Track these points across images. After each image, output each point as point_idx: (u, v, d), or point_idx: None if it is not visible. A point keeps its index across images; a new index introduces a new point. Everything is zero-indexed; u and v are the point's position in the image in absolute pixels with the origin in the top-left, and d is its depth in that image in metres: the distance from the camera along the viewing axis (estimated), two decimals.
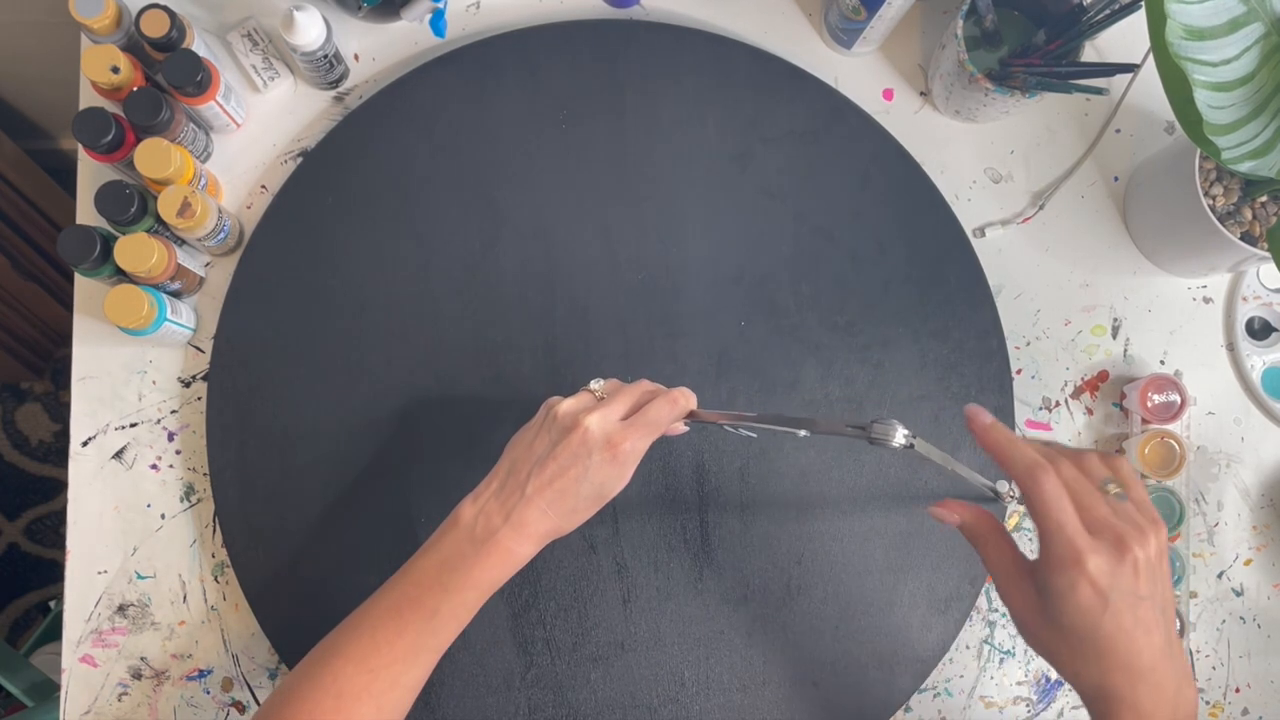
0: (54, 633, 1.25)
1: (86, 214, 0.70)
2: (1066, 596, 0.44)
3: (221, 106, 0.69)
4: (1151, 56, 0.57)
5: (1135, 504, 0.48)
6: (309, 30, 0.66)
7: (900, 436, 0.50)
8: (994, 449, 0.49)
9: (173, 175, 0.65)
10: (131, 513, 0.69)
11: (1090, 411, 0.75)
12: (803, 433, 0.54)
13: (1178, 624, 0.71)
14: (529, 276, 0.71)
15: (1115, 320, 0.76)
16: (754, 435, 0.53)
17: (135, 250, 0.63)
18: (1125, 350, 0.76)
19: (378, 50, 0.75)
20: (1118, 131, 0.78)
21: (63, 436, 1.46)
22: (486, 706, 0.67)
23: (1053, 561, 0.44)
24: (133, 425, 0.70)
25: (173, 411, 0.71)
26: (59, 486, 1.46)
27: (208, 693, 0.69)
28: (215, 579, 0.69)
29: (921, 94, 0.78)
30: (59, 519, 1.45)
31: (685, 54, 0.74)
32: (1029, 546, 0.73)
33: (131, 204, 0.64)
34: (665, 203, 0.73)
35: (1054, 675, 0.73)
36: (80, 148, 0.67)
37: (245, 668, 0.69)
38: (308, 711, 0.49)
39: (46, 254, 1.27)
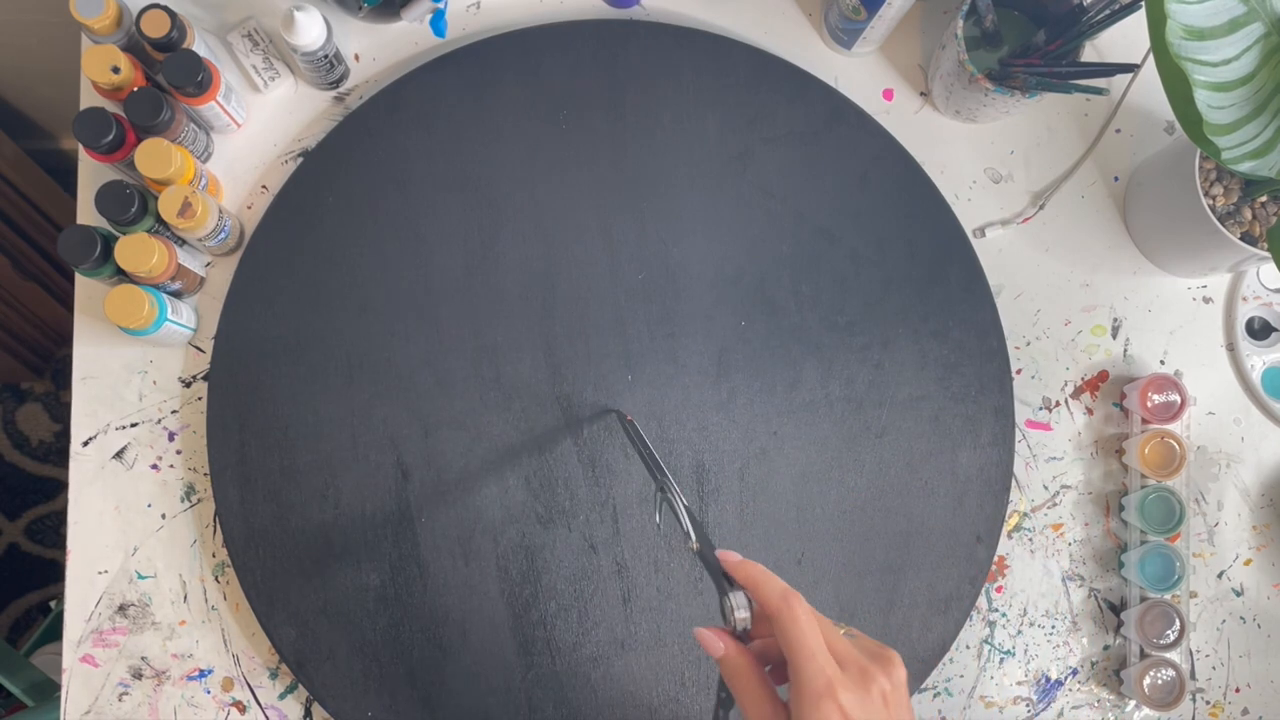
0: (54, 633, 1.25)
1: (87, 214, 0.70)
2: None
3: (222, 106, 0.69)
4: (1151, 56, 0.57)
5: (864, 642, 0.48)
6: (309, 30, 0.66)
7: (738, 618, 0.48)
8: (748, 580, 0.48)
9: (173, 175, 0.65)
10: (132, 513, 0.70)
11: (1090, 411, 0.75)
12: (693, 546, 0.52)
13: (1178, 625, 0.71)
14: (529, 276, 0.71)
15: (1115, 320, 0.77)
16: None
17: (136, 250, 0.63)
18: (1125, 350, 0.76)
19: (378, 50, 0.75)
20: (1118, 131, 0.78)
21: (63, 436, 1.46)
22: (487, 706, 0.67)
23: (806, 693, 0.43)
24: (133, 425, 0.70)
25: (173, 411, 0.71)
26: (59, 486, 1.46)
27: (208, 693, 0.69)
28: (215, 579, 0.70)
29: (922, 94, 0.78)
30: (59, 519, 1.45)
31: (685, 54, 0.74)
32: (1028, 546, 0.74)
33: (132, 204, 0.64)
34: (665, 203, 0.73)
35: (1054, 675, 0.73)
36: (81, 148, 0.67)
37: (245, 668, 0.69)
38: None
39: (47, 254, 1.27)
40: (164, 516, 0.70)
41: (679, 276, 0.72)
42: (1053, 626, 0.73)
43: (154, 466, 0.70)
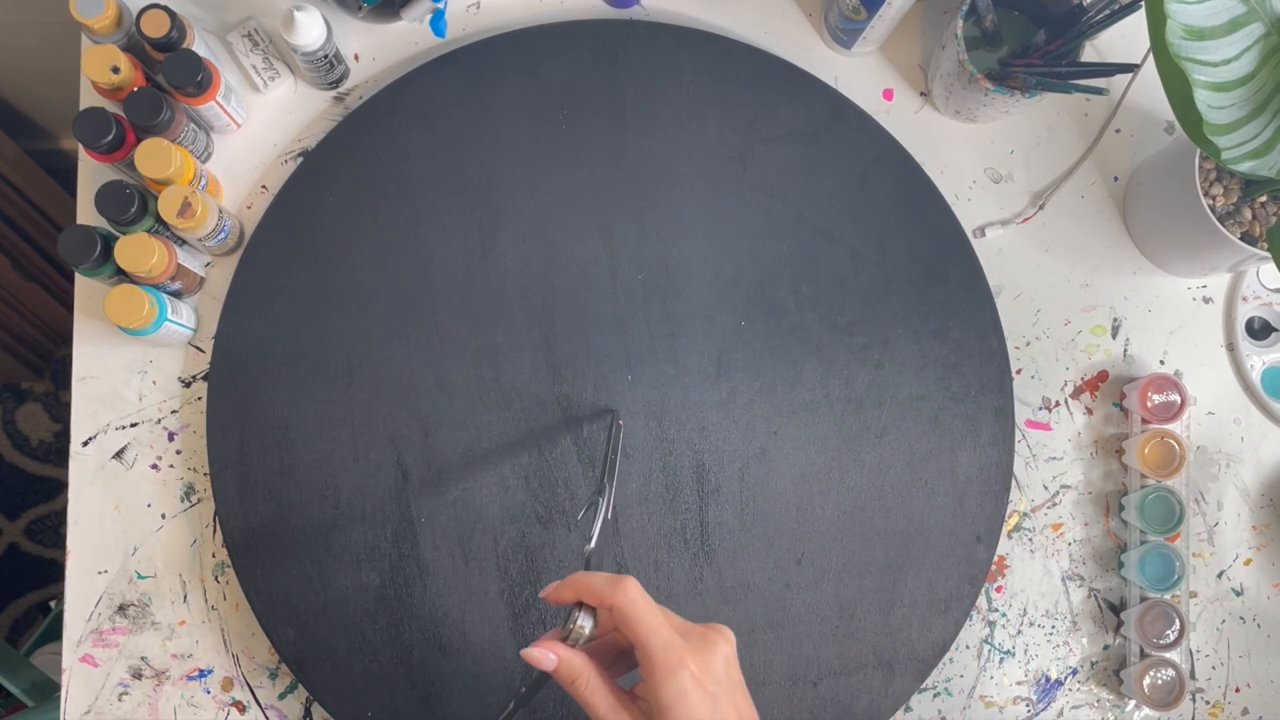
0: (54, 633, 1.25)
1: (87, 214, 0.70)
2: (679, 702, 0.43)
3: (222, 106, 0.69)
4: (1151, 56, 0.57)
5: (678, 625, 0.48)
6: (309, 30, 0.66)
7: (579, 628, 0.47)
8: (577, 587, 0.47)
9: (173, 175, 0.65)
10: (132, 513, 0.70)
11: (1090, 411, 0.75)
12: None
13: (1178, 624, 0.71)
14: (529, 276, 0.71)
15: (1115, 320, 0.77)
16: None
17: (136, 250, 0.63)
18: (1125, 350, 0.76)
19: (378, 50, 0.75)
20: (1118, 131, 0.78)
21: (63, 436, 1.46)
22: (487, 706, 0.67)
23: (660, 668, 0.43)
24: (133, 425, 0.70)
25: (173, 411, 0.71)
26: (59, 486, 1.46)
27: (208, 692, 0.69)
28: (215, 579, 0.69)
29: (921, 94, 0.78)
30: (59, 519, 1.45)
31: (685, 54, 0.74)
32: (1028, 546, 0.74)
33: (132, 204, 0.64)
34: (665, 203, 0.73)
35: (1054, 675, 0.73)
36: (81, 148, 0.67)
37: (245, 668, 0.69)
38: None
39: (47, 254, 1.27)
40: (164, 516, 0.70)
41: (679, 276, 0.72)
42: (1053, 626, 0.73)
43: (154, 466, 0.70)
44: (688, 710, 0.43)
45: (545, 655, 0.46)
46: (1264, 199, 0.69)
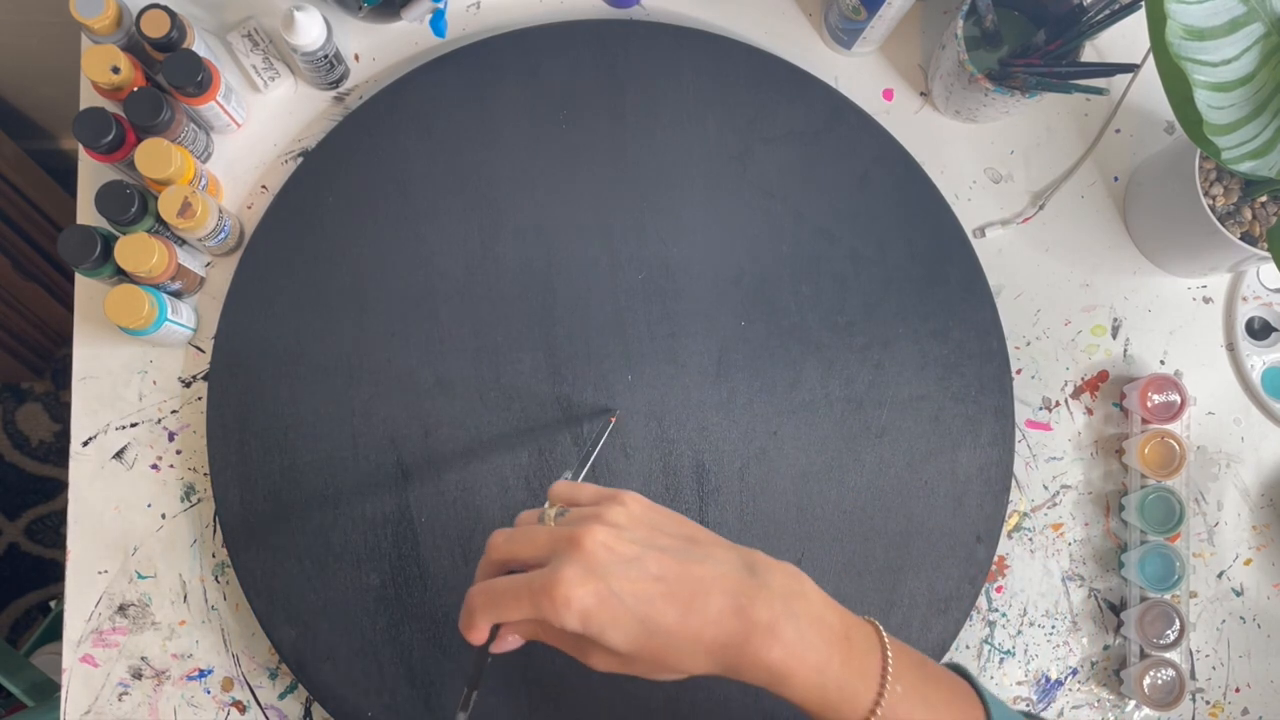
0: (54, 633, 1.25)
1: (87, 214, 0.70)
2: (590, 627, 0.40)
3: (222, 106, 0.69)
4: (1151, 56, 0.57)
5: (587, 502, 0.45)
6: (309, 30, 0.66)
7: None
8: (471, 635, 0.45)
9: (173, 175, 0.65)
10: (132, 513, 0.70)
11: (1090, 411, 0.75)
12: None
13: (1178, 624, 0.71)
14: (529, 276, 0.71)
15: (1115, 320, 0.77)
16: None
17: (135, 250, 0.63)
18: (1125, 350, 0.76)
19: (378, 50, 0.75)
20: (1118, 131, 0.78)
21: (63, 436, 1.46)
22: (487, 707, 0.67)
23: (551, 619, 0.40)
24: (133, 425, 0.70)
25: (173, 411, 0.71)
26: (59, 486, 1.46)
27: (208, 693, 0.69)
28: (215, 579, 0.69)
29: (921, 94, 0.78)
30: (59, 519, 1.45)
31: (685, 54, 0.74)
32: (1028, 546, 0.74)
33: (132, 204, 0.64)
34: (665, 203, 0.73)
35: (1054, 675, 0.73)
36: (80, 148, 0.67)
37: (245, 668, 0.69)
38: None
39: (47, 254, 1.27)
40: (164, 516, 0.70)
41: (679, 276, 0.72)
42: (1053, 626, 0.73)
43: (154, 466, 0.70)
44: (596, 623, 0.40)
45: (508, 642, 0.46)
46: (1264, 199, 0.69)
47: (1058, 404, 0.75)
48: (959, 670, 0.47)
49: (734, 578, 0.42)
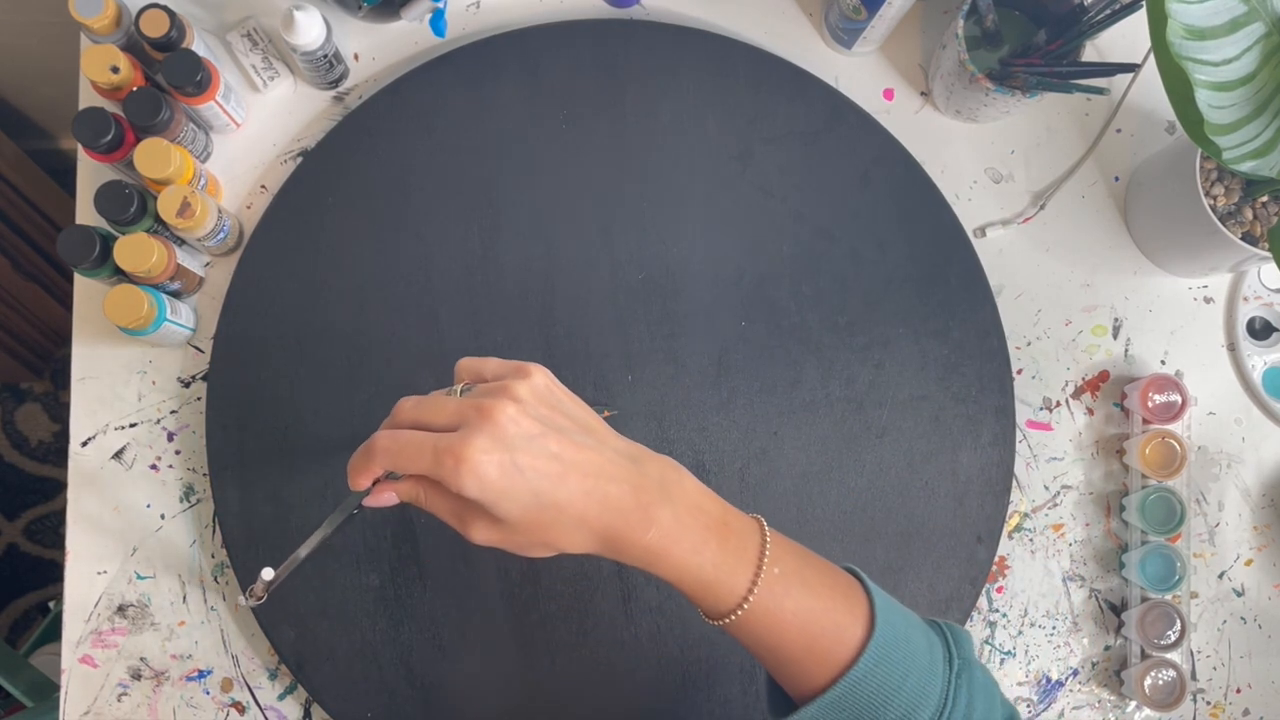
0: (54, 633, 1.25)
1: (86, 214, 0.70)
2: (484, 492, 0.41)
3: (221, 106, 0.69)
4: (1152, 56, 0.57)
5: (492, 377, 0.47)
6: (309, 30, 0.66)
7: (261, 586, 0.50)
8: (356, 475, 0.47)
9: (172, 175, 0.65)
10: (131, 513, 0.69)
11: (1091, 412, 0.75)
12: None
13: (1179, 625, 0.70)
14: (529, 276, 0.71)
15: (1116, 320, 0.76)
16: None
17: (135, 250, 0.63)
18: (1126, 350, 0.76)
19: (378, 50, 0.75)
20: (1118, 131, 0.78)
21: (62, 436, 1.46)
22: (487, 707, 0.67)
23: (448, 478, 0.42)
24: (132, 425, 0.70)
25: (172, 412, 0.70)
26: (59, 486, 1.46)
27: (207, 693, 0.69)
28: (215, 579, 0.69)
29: (922, 94, 0.78)
30: (59, 519, 1.45)
31: (685, 54, 0.74)
32: (1029, 546, 0.73)
33: (131, 204, 0.64)
34: (665, 203, 0.73)
35: (1055, 675, 0.73)
36: (80, 148, 0.67)
37: (245, 668, 0.69)
38: None
39: (46, 254, 1.27)
40: (163, 517, 0.70)
41: (679, 276, 0.72)
42: (1053, 627, 0.73)
43: (153, 467, 0.70)
44: (493, 490, 0.42)
45: (384, 496, 0.48)
46: (1265, 199, 0.69)
47: (1058, 404, 0.75)
48: (850, 569, 0.48)
49: (621, 465, 0.44)
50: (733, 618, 0.44)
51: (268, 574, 0.51)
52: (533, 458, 0.42)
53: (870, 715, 0.44)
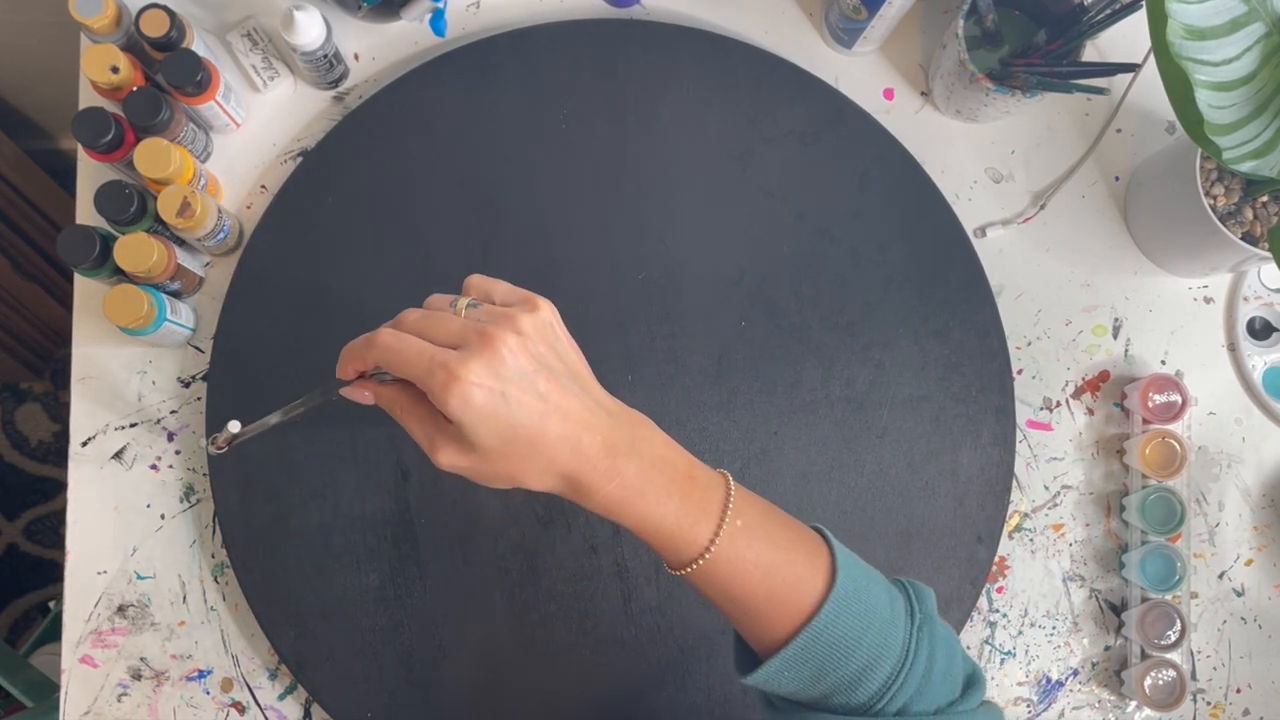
0: (54, 633, 1.25)
1: (86, 214, 0.70)
2: (467, 413, 0.42)
3: (221, 106, 0.69)
4: (1152, 56, 0.57)
5: (500, 301, 0.47)
6: (309, 30, 0.66)
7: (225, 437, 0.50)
8: (346, 363, 0.48)
9: (172, 175, 0.65)
10: (131, 513, 0.69)
11: (1091, 412, 0.75)
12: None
13: (1179, 625, 0.70)
14: (529, 276, 0.71)
15: (1116, 320, 0.76)
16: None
17: (135, 250, 0.63)
18: (1126, 350, 0.76)
19: (378, 50, 0.75)
20: (1118, 131, 0.78)
21: (62, 436, 1.46)
22: (488, 707, 0.67)
23: (437, 392, 0.42)
24: (132, 425, 0.70)
25: (172, 412, 0.70)
26: (59, 486, 1.46)
27: (207, 693, 0.69)
28: (215, 579, 0.69)
29: (922, 94, 0.78)
30: (59, 519, 1.45)
31: (685, 54, 0.74)
32: (1029, 547, 0.73)
33: (131, 204, 0.64)
34: (666, 203, 0.73)
35: (1055, 676, 0.73)
36: (80, 148, 0.67)
37: (245, 668, 0.69)
38: None
39: (46, 254, 1.27)
40: (163, 517, 0.70)
41: (679, 276, 0.72)
42: (1053, 627, 0.73)
43: (153, 467, 0.70)
44: (476, 415, 0.42)
45: (361, 393, 0.49)
46: (1265, 199, 0.69)
47: (1059, 404, 0.75)
48: (817, 528, 0.49)
49: (598, 415, 0.45)
50: (694, 567, 0.45)
51: (234, 426, 0.50)
52: (521, 392, 0.43)
53: (833, 667, 0.45)
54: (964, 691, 0.47)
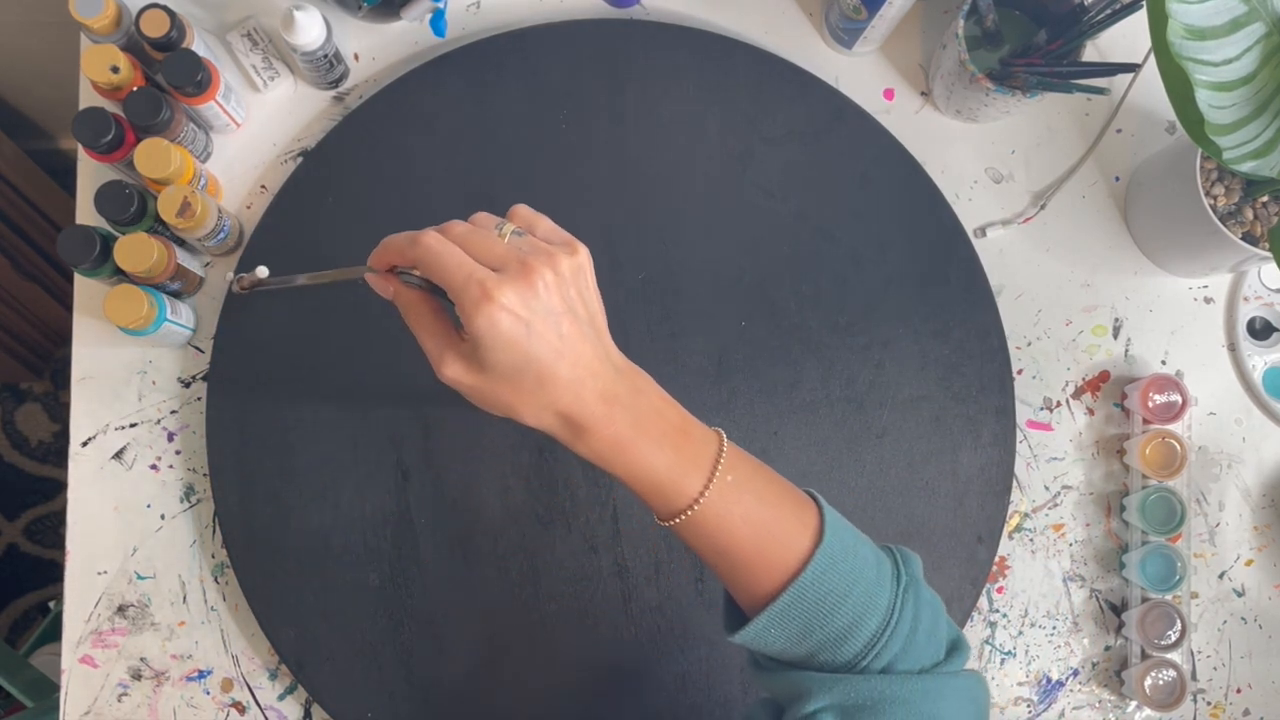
0: (54, 633, 1.25)
1: (86, 214, 0.70)
2: (490, 334, 0.43)
3: (221, 106, 0.69)
4: (1153, 56, 0.57)
5: (542, 236, 0.48)
6: (309, 30, 0.66)
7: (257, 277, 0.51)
8: (381, 255, 0.49)
9: (172, 175, 0.65)
10: (131, 513, 0.69)
11: (1091, 412, 0.75)
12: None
13: (1179, 625, 0.70)
14: None
15: (1116, 320, 0.76)
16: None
17: (135, 250, 0.63)
18: (1126, 350, 0.76)
19: (378, 50, 0.75)
20: (1119, 131, 0.78)
21: (62, 437, 1.46)
22: (488, 708, 0.67)
23: (467, 306, 0.43)
24: (132, 425, 0.70)
25: (172, 412, 0.70)
26: (59, 486, 1.46)
27: (207, 693, 0.69)
28: (215, 579, 0.69)
29: (922, 94, 0.78)
30: (59, 519, 1.45)
31: (685, 54, 0.74)
32: (1029, 547, 0.73)
33: (131, 204, 0.64)
34: (665, 203, 0.73)
35: (1055, 676, 0.73)
36: (80, 148, 0.67)
37: (245, 668, 0.69)
38: None
39: (46, 254, 1.27)
40: (163, 517, 0.70)
41: (679, 276, 0.72)
42: (1054, 627, 0.73)
43: (153, 467, 0.70)
44: (497, 338, 0.43)
45: (385, 286, 0.50)
46: (1265, 199, 0.69)
47: (1059, 404, 0.75)
48: (810, 492, 0.50)
49: (605, 366, 0.46)
50: (682, 518, 0.46)
51: (263, 271, 0.51)
52: (544, 329, 0.44)
53: (819, 624, 0.45)
54: (948, 655, 0.48)
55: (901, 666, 0.46)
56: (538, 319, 0.44)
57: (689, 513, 0.46)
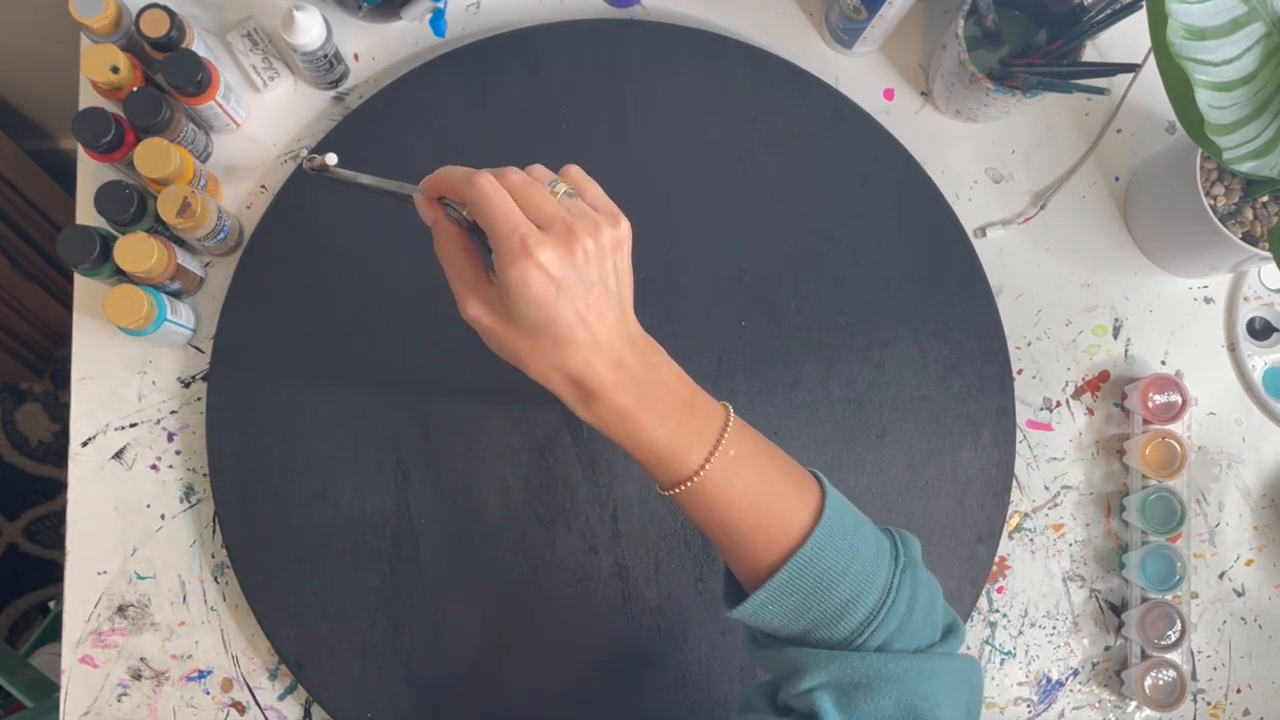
0: (54, 633, 1.25)
1: (86, 214, 0.70)
2: (520, 288, 0.44)
3: (221, 106, 0.69)
4: (1153, 56, 0.57)
5: (590, 202, 0.49)
6: (309, 30, 0.66)
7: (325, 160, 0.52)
8: (435, 183, 0.49)
9: (172, 175, 0.65)
10: (131, 513, 0.69)
11: (1091, 412, 0.75)
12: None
13: (1179, 625, 0.70)
14: None
15: (1116, 320, 0.76)
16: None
17: (135, 250, 0.63)
18: (1126, 350, 0.76)
19: (378, 50, 0.75)
20: (1119, 131, 0.78)
21: (62, 437, 1.46)
22: (488, 708, 0.67)
23: (505, 256, 0.44)
24: (132, 425, 0.70)
25: (172, 412, 0.70)
26: (59, 487, 1.46)
27: (207, 693, 0.69)
28: (215, 579, 0.69)
29: (922, 94, 0.78)
30: (59, 519, 1.45)
31: (685, 54, 0.74)
32: (1029, 547, 0.73)
33: (131, 204, 0.64)
34: (665, 202, 0.73)
35: (1055, 676, 0.73)
36: (80, 148, 0.67)
37: (245, 668, 0.69)
38: None
39: (46, 254, 1.27)
40: (163, 517, 0.70)
41: (679, 276, 0.72)
42: (1054, 627, 0.73)
43: (153, 467, 0.70)
44: (526, 293, 0.44)
45: (430, 213, 0.50)
46: (1265, 199, 0.69)
47: (1059, 404, 0.75)
48: (813, 472, 0.51)
49: (621, 340, 0.47)
50: (682, 488, 0.47)
51: (332, 158, 0.53)
52: (572, 296, 0.45)
53: (816, 600, 0.46)
54: (944, 637, 0.49)
55: (897, 645, 0.46)
56: (569, 284, 0.45)
57: (689, 483, 0.47)
